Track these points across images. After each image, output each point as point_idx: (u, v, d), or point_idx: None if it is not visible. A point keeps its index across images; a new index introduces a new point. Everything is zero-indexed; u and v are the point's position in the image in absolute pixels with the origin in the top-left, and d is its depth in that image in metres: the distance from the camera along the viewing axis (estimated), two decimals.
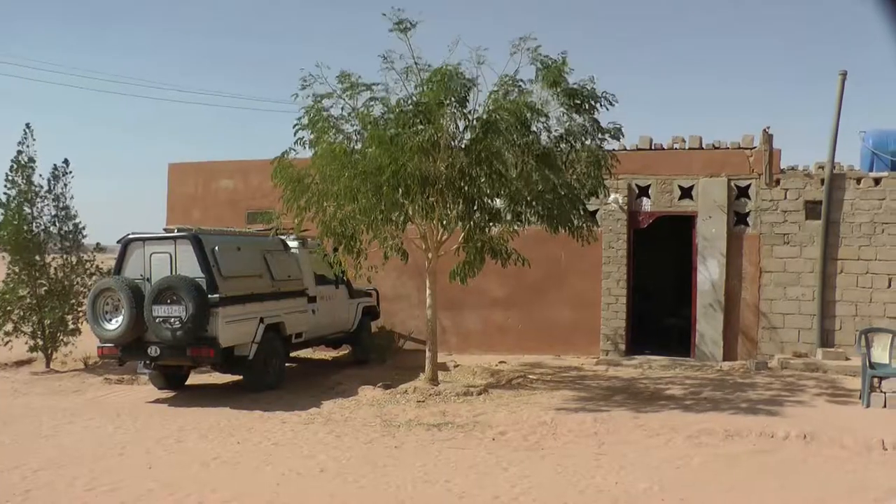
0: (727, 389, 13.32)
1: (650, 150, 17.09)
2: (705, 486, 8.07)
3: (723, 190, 16.42)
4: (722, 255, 16.34)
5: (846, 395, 13.04)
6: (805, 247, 16.23)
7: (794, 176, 16.50)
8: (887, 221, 16.00)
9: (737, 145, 16.83)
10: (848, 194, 16.18)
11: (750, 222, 16.50)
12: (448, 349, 16.69)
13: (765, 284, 16.34)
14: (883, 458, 9.51)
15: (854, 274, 16.12)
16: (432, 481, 8.18)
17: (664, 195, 16.73)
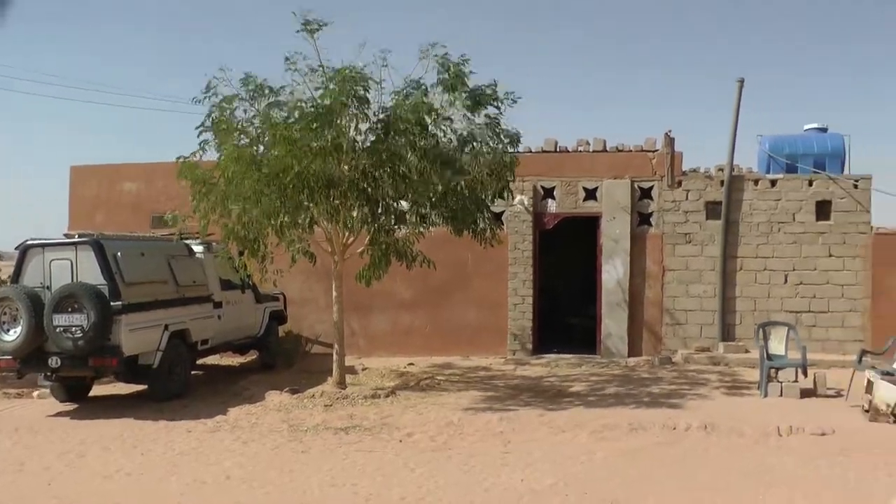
0: (632, 385, 13.61)
1: (555, 152, 17.33)
2: (609, 480, 8.20)
3: (626, 191, 16.76)
4: (626, 255, 16.68)
5: (746, 386, 13.48)
6: (706, 246, 16.70)
7: (695, 178, 16.96)
8: (783, 221, 16.66)
9: (640, 148, 17.21)
10: (746, 195, 16.74)
11: (653, 222, 16.90)
12: (356, 352, 16.62)
13: (668, 282, 16.76)
14: (779, 444, 9.88)
15: (753, 271, 16.67)
16: (339, 485, 8.14)
17: (569, 197, 16.97)
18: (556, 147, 17.35)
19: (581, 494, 7.69)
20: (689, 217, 16.79)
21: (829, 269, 16.62)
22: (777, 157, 17.33)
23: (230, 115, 12.38)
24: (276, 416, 11.44)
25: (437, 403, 12.15)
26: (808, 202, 16.71)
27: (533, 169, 16.23)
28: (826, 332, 16.54)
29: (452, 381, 14.22)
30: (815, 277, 16.62)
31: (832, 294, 16.60)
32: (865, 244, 16.57)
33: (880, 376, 11.48)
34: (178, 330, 12.98)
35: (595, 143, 17.32)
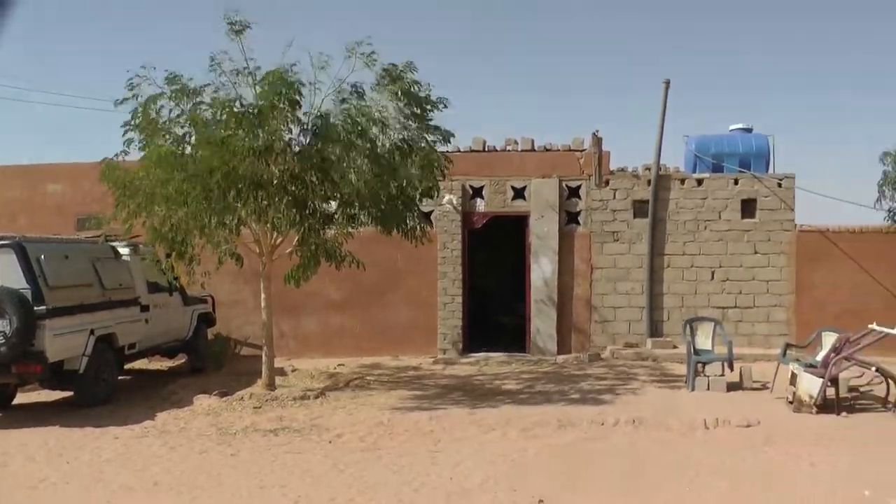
0: (561, 382, 13.74)
1: (484, 151, 17.37)
2: (538, 476, 8.27)
3: (554, 190, 16.87)
4: (554, 253, 16.79)
5: (673, 381, 13.72)
6: (634, 244, 16.90)
7: (622, 177, 17.14)
8: (709, 219, 16.95)
9: (568, 148, 17.33)
10: (673, 194, 16.98)
11: (581, 221, 17.04)
12: (287, 354, 16.48)
13: (596, 280, 16.91)
14: (705, 436, 10.12)
15: (680, 268, 16.92)
16: (268, 487, 8.07)
17: (498, 196, 17.04)
18: (484, 147, 17.39)
19: (510, 491, 7.73)
20: (617, 216, 16.98)
21: (754, 265, 16.95)
22: (703, 156, 17.63)
23: (155, 115, 12.16)
24: (205, 420, 11.29)
25: (367, 404, 12.11)
26: (734, 201, 17.02)
27: (462, 168, 16.24)
28: (752, 327, 16.86)
29: (382, 381, 14.18)
30: (741, 274, 16.93)
31: (758, 290, 16.93)
32: (789, 241, 16.93)
33: (804, 369, 11.79)
34: (105, 334, 12.70)
35: (523, 143, 17.40)
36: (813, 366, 12.07)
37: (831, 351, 12.11)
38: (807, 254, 16.77)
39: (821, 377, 11.43)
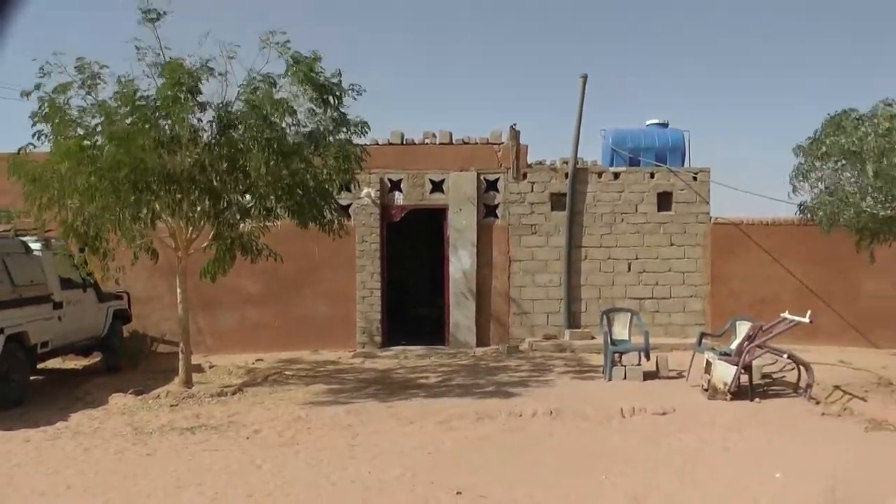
0: (480, 374, 13.83)
1: (402, 144, 17.33)
2: (455, 468, 8.29)
3: (473, 183, 16.93)
4: (473, 246, 16.86)
5: (591, 371, 13.92)
6: (551, 236, 17.07)
7: (540, 170, 17.29)
8: (626, 212, 17.22)
9: (486, 141, 17.39)
10: (590, 187, 17.21)
11: (499, 214, 17.15)
12: (204, 350, 16.24)
13: (514, 272, 17.04)
14: (621, 425, 10.30)
15: (597, 260, 17.16)
16: (185, 486, 7.93)
17: (416, 189, 17.03)
18: (402, 140, 17.35)
19: (428, 484, 7.73)
20: (535, 208, 17.12)
21: (670, 257, 17.28)
22: (620, 150, 17.88)
23: (65, 105, 11.82)
24: (120, 420, 11.03)
25: (286, 399, 12.01)
26: (650, 194, 17.32)
27: (380, 161, 16.20)
28: (668, 317, 17.19)
29: (301, 375, 14.07)
30: (658, 265, 17.25)
31: (674, 281, 17.27)
32: (705, 233, 17.32)
33: (718, 357, 12.07)
34: (15, 333, 12.29)
35: (441, 136, 17.41)
36: (727, 354, 12.37)
37: (745, 339, 12.43)
38: (721, 245, 17.18)
39: (735, 365, 11.72)
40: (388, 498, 7.41)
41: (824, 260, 16.61)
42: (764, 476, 8.05)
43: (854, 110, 12.64)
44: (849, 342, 16.81)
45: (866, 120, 12.28)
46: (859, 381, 13.18)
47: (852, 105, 12.74)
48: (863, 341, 16.92)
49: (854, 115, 12.53)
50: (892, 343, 16.80)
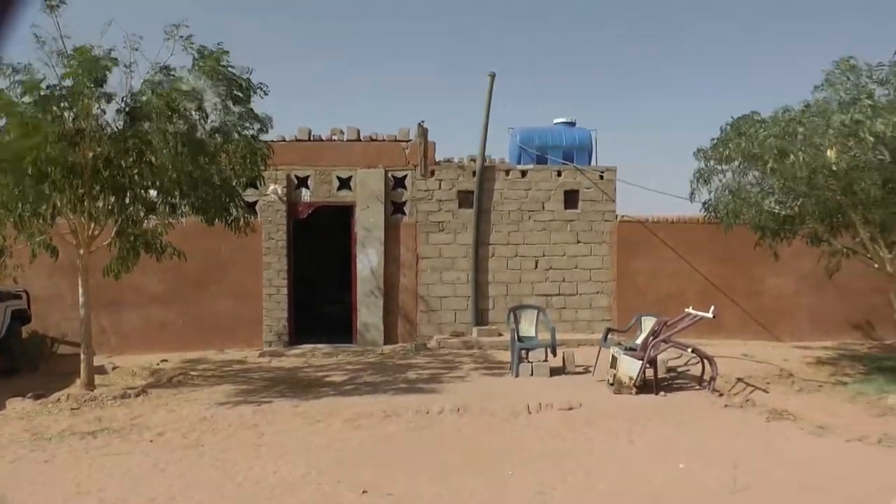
0: (387, 372, 13.77)
1: (309, 141, 17.15)
2: (362, 467, 8.21)
3: (380, 180, 16.86)
4: (380, 244, 16.79)
5: (498, 368, 13.98)
6: (459, 233, 17.10)
7: (448, 167, 17.30)
8: (533, 209, 17.35)
9: (394, 138, 17.33)
10: (498, 185, 17.28)
11: (407, 211, 17.11)
12: (107, 351, 15.85)
13: (422, 270, 17.03)
14: (528, 421, 10.33)
15: (504, 257, 17.24)
16: (85, 493, 7.66)
17: (323, 186, 16.90)
18: (310, 136, 17.19)
19: (334, 483, 7.66)
20: (443, 206, 17.13)
21: (577, 254, 17.47)
22: (528, 148, 18.00)
23: None
24: (18, 425, 10.62)
25: (190, 400, 11.77)
26: (557, 192, 17.47)
27: (286, 158, 16.06)
28: (575, 314, 17.37)
29: (206, 376, 13.82)
30: (565, 262, 17.42)
31: (580, 278, 17.46)
32: (611, 231, 17.57)
33: (623, 352, 12.26)
34: None
35: (349, 133, 17.29)
36: (633, 349, 12.58)
37: (650, 334, 12.64)
38: (627, 243, 17.43)
39: (640, 359, 11.93)
40: (294, 497, 7.29)
41: (728, 257, 16.98)
42: (668, 467, 8.19)
43: (756, 114, 12.97)
44: (752, 336, 17.29)
45: (767, 123, 12.60)
46: (762, 373, 13.55)
47: (755, 108, 13.07)
48: (765, 335, 17.39)
49: (756, 118, 12.86)
50: (794, 336, 17.36)
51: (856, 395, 11.95)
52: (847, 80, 12.07)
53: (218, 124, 12.04)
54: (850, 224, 12.69)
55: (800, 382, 12.97)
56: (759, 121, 12.75)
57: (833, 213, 12.66)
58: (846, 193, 11.78)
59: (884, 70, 11.89)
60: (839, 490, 7.65)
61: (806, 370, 14.14)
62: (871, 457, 8.88)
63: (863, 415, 10.77)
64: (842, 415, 10.77)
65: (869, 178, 11.42)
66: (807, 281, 17.22)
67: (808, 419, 10.49)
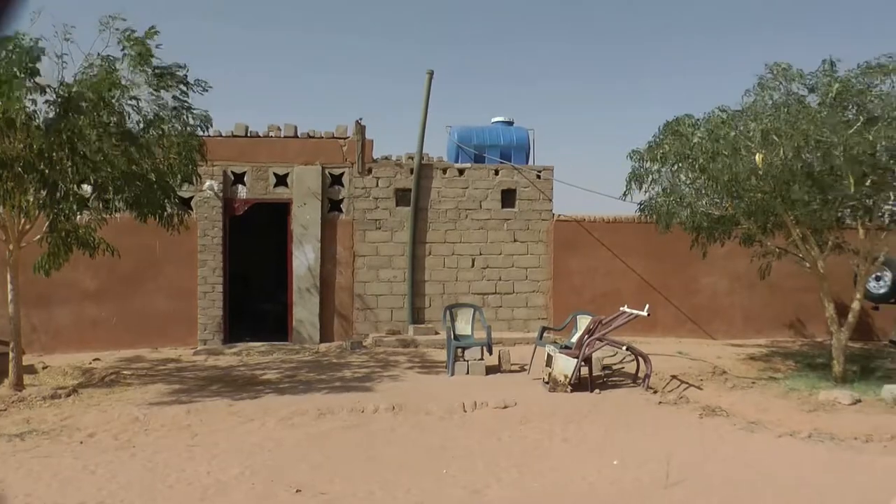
0: (323, 370, 13.74)
1: (246, 137, 16.98)
2: (296, 466, 8.23)
3: (317, 178, 16.78)
4: (317, 241, 16.71)
5: (434, 367, 14.04)
6: (396, 231, 17.09)
7: (385, 165, 17.27)
8: (470, 208, 17.38)
9: (331, 135, 17.23)
10: (435, 183, 17.30)
11: (344, 209, 17.03)
12: (38, 349, 15.52)
13: (358, 268, 16.98)
14: (463, 419, 10.46)
15: (441, 256, 17.26)
16: (12, 497, 7.50)
17: (260, 182, 16.77)
18: (246, 132, 17.02)
19: (268, 482, 7.66)
20: (380, 204, 17.10)
21: (513, 253, 17.57)
22: (465, 147, 18.02)
23: None
24: None
25: (123, 399, 11.60)
26: (495, 191, 17.55)
27: (223, 154, 15.94)
28: (511, 312, 17.46)
29: (140, 375, 13.62)
30: (501, 261, 17.50)
31: (517, 276, 17.56)
32: (547, 230, 17.68)
33: (559, 350, 12.38)
34: None
35: (286, 129, 17.16)
36: (568, 347, 12.73)
37: (585, 333, 12.81)
38: (564, 242, 17.58)
39: (575, 358, 12.07)
40: (226, 498, 7.27)
41: (663, 256, 17.22)
42: (602, 464, 8.35)
43: (690, 115, 13.22)
44: (687, 334, 17.61)
45: (700, 124, 12.84)
46: (695, 370, 13.84)
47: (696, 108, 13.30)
48: (700, 333, 17.71)
49: (690, 120, 13.09)
50: (728, 334, 17.72)
51: (787, 391, 12.28)
52: (780, 85, 12.39)
53: (153, 118, 11.89)
54: (783, 225, 12.99)
55: (733, 379, 13.28)
56: (693, 123, 13.00)
57: (766, 214, 12.95)
58: (777, 196, 12.06)
59: (815, 77, 12.23)
60: (769, 484, 7.86)
61: (739, 367, 14.46)
62: (801, 451, 9.16)
63: (794, 410, 11.08)
64: (773, 410, 11.07)
65: (797, 182, 11.72)
66: (740, 280, 17.57)
67: (741, 415, 10.77)
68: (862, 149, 11.12)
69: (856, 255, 13.31)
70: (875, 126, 11.26)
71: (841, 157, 11.31)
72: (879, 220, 12.79)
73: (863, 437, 9.67)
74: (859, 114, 11.77)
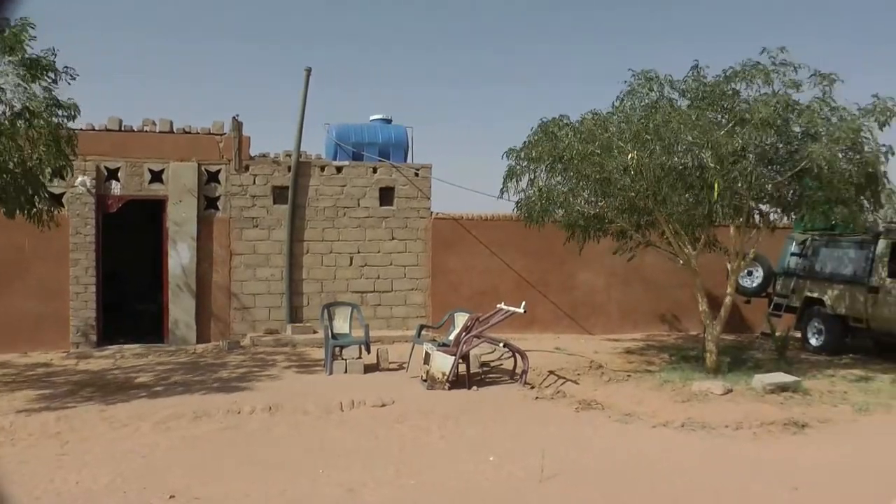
0: (200, 372, 13.54)
1: (120, 131, 16.53)
2: (171, 471, 8.13)
3: (193, 174, 16.52)
4: (193, 240, 16.44)
5: (312, 366, 14.04)
6: (273, 230, 16.98)
7: (262, 162, 17.13)
8: (348, 206, 17.43)
9: (207, 131, 16.96)
10: (313, 181, 17.26)
11: (220, 206, 16.80)
12: None
13: (235, 266, 16.78)
14: (340, 418, 10.51)
15: (319, 254, 17.25)
16: None
17: (135, 178, 16.36)
18: (120, 126, 16.54)
19: (140, 490, 7.55)
20: (257, 201, 16.94)
21: (392, 251, 17.68)
22: (344, 144, 18.00)
23: None
24: None
25: None
26: (373, 188, 17.60)
27: (96, 148, 15.52)
28: (390, 310, 17.56)
29: (6, 381, 13.03)
30: (380, 259, 17.59)
31: (395, 274, 17.68)
32: (426, 228, 17.87)
33: (436, 348, 12.54)
34: None
35: (161, 124, 16.78)
36: (446, 345, 12.89)
37: (462, 330, 13.00)
38: (442, 240, 17.78)
39: (453, 355, 12.22)
40: None
41: (541, 253, 17.59)
42: (479, 460, 8.52)
43: (565, 116, 13.54)
44: (564, 330, 18.05)
45: (573, 126, 13.19)
46: (573, 365, 14.18)
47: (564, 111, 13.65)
48: (577, 329, 18.17)
49: (563, 121, 13.42)
50: (605, 329, 18.23)
51: (662, 383, 12.70)
52: (650, 90, 12.83)
53: (20, 108, 11.46)
54: (657, 223, 13.43)
55: (609, 373, 13.65)
56: (567, 124, 13.34)
57: (639, 212, 13.39)
58: (650, 194, 12.47)
59: (685, 83, 12.74)
60: (644, 473, 8.17)
61: (615, 361, 14.88)
62: (674, 441, 9.58)
63: (668, 401, 11.49)
64: (648, 402, 11.45)
65: (668, 181, 12.16)
66: (617, 276, 18.08)
67: (616, 408, 11.13)
68: (729, 149, 11.62)
69: (727, 252, 13.88)
70: (744, 128, 11.80)
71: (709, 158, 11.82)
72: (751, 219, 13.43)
73: (734, 425, 10.16)
74: (726, 116, 12.32)
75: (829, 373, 13.85)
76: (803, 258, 17.08)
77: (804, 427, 10.24)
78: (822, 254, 16.65)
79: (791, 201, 13.20)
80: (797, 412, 10.88)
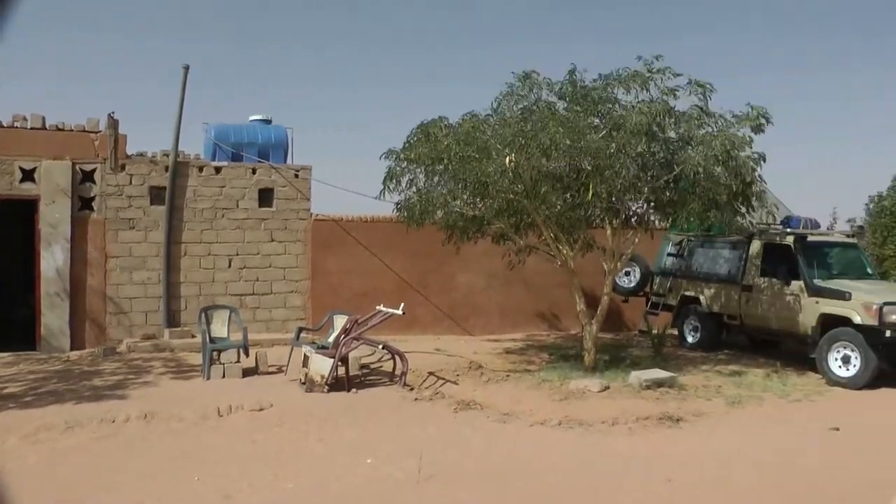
0: (73, 380, 13.11)
1: None
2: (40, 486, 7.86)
3: (67, 173, 16.01)
4: (66, 241, 15.92)
5: (190, 371, 13.80)
6: (150, 231, 16.62)
7: (139, 162, 16.75)
8: (227, 207, 17.21)
9: (82, 128, 16.47)
10: (191, 181, 16.97)
11: (95, 207, 16.32)
12: None
13: (111, 269, 16.34)
14: (218, 423, 10.44)
15: (198, 256, 16.97)
16: None
17: (5, 177, 15.71)
18: None
19: None
20: (133, 202, 16.55)
21: (271, 253, 17.54)
22: (223, 145, 17.76)
23: None
24: None
25: None
26: (252, 189, 17.42)
27: None
28: (270, 313, 17.41)
29: None
30: (259, 261, 17.42)
31: (275, 277, 17.53)
32: (305, 229, 17.77)
33: (316, 350, 12.52)
34: None
35: (33, 120, 16.14)
36: (325, 347, 12.88)
37: (342, 332, 13.03)
38: (322, 241, 17.72)
39: (331, 357, 12.22)
40: None
41: (421, 254, 17.69)
42: (357, 462, 8.61)
43: (444, 118, 13.67)
44: (445, 331, 18.21)
45: (452, 128, 13.32)
46: (452, 366, 14.32)
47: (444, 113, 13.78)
48: (458, 330, 18.36)
49: (442, 123, 13.54)
50: (485, 330, 18.46)
51: (541, 382, 12.97)
52: (530, 93, 13.06)
53: None
54: (535, 224, 13.66)
55: (488, 373, 13.84)
56: (446, 125, 13.47)
57: (518, 213, 13.61)
58: (529, 197, 12.69)
59: (562, 85, 13.00)
60: (520, 472, 8.35)
61: (495, 361, 15.09)
62: (551, 439, 9.86)
63: (546, 400, 11.76)
64: (526, 401, 11.68)
65: (545, 183, 12.40)
66: (496, 278, 18.29)
67: (495, 408, 11.31)
68: (605, 153, 11.92)
69: (604, 253, 14.22)
70: (619, 132, 12.10)
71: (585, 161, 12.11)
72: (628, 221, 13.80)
73: (610, 421, 10.50)
74: (603, 120, 12.63)
75: (705, 368, 14.42)
76: (679, 258, 17.68)
77: (679, 421, 10.66)
78: (698, 254, 17.30)
79: (667, 205, 13.59)
80: (672, 407, 11.30)
